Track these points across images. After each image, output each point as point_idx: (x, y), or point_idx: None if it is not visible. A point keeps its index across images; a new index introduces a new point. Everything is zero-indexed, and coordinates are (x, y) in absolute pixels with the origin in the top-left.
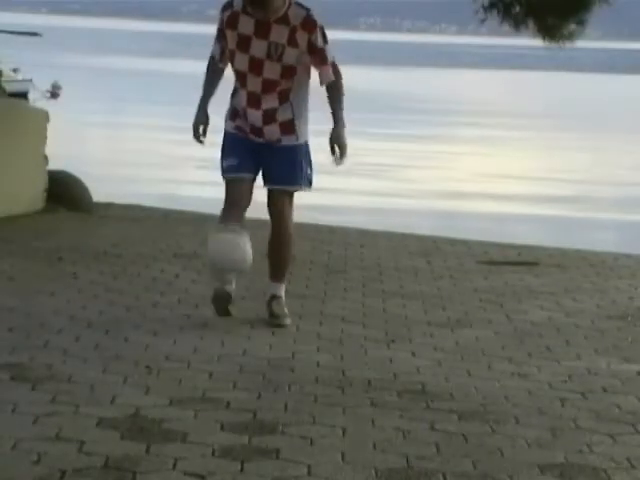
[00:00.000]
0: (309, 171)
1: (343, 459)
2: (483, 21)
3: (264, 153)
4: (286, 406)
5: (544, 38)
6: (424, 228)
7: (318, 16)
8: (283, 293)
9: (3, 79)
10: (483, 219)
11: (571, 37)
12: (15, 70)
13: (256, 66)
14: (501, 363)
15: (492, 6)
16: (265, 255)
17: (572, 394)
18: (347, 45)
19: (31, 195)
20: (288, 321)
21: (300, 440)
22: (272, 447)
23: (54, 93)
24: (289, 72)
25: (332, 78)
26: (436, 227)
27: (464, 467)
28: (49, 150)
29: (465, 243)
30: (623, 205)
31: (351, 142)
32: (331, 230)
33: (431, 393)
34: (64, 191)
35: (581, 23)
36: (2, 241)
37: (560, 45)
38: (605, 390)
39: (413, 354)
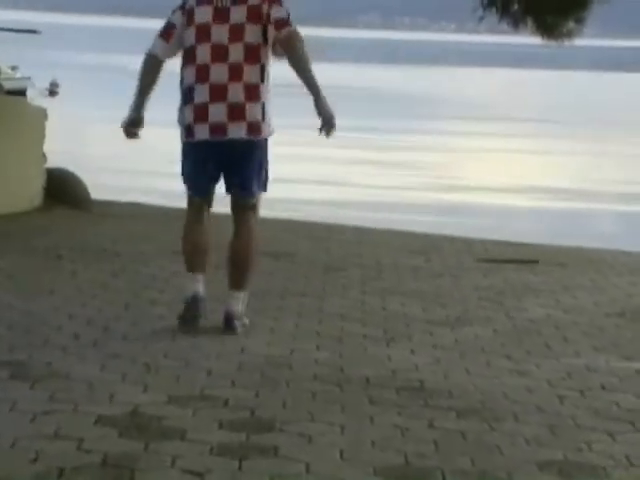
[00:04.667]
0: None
1: (342, 457)
2: (481, 19)
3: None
4: (284, 404)
5: (543, 36)
6: (423, 226)
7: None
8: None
9: (2, 77)
10: (483, 217)
11: (570, 35)
12: (14, 68)
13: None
14: (500, 361)
15: (490, 4)
16: (261, 253)
17: (571, 392)
18: (346, 43)
19: (29, 193)
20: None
21: (298, 438)
22: (270, 445)
23: (52, 91)
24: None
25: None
26: (435, 225)
27: (462, 464)
28: (47, 148)
29: (464, 241)
30: (624, 203)
31: (347, 136)
32: (329, 228)
33: (429, 390)
34: (62, 189)
35: (580, 21)
36: (1, 239)
37: (559, 43)
38: (604, 388)
39: (412, 352)
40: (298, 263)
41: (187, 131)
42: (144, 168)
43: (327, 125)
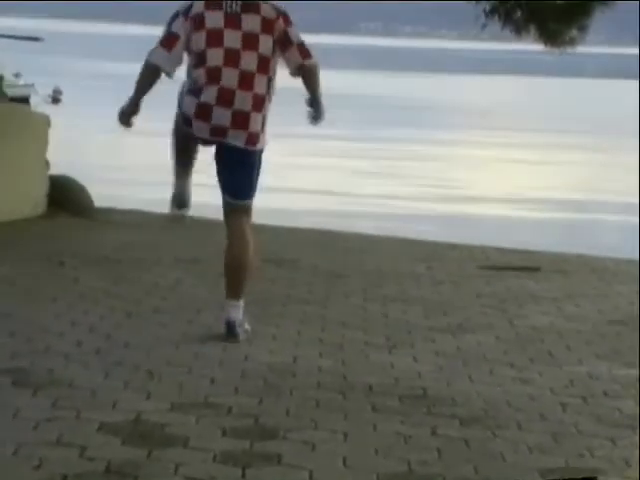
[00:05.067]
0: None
1: (345, 464)
2: (484, 27)
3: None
4: (288, 411)
5: (545, 44)
6: (425, 235)
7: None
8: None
9: (5, 84)
10: (485, 227)
11: (572, 42)
12: (17, 75)
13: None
14: (503, 369)
15: (493, 11)
16: (264, 260)
17: (573, 399)
18: (347, 50)
19: (32, 200)
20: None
21: (302, 445)
22: (274, 452)
23: (55, 98)
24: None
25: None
26: (437, 234)
27: (466, 472)
28: (50, 155)
29: (466, 248)
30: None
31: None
32: (332, 235)
33: (432, 398)
34: (65, 196)
35: (582, 29)
36: (3, 246)
37: (561, 51)
38: (606, 394)
39: (415, 359)
40: (301, 270)
41: (186, 120)
42: (147, 175)
43: (319, 116)
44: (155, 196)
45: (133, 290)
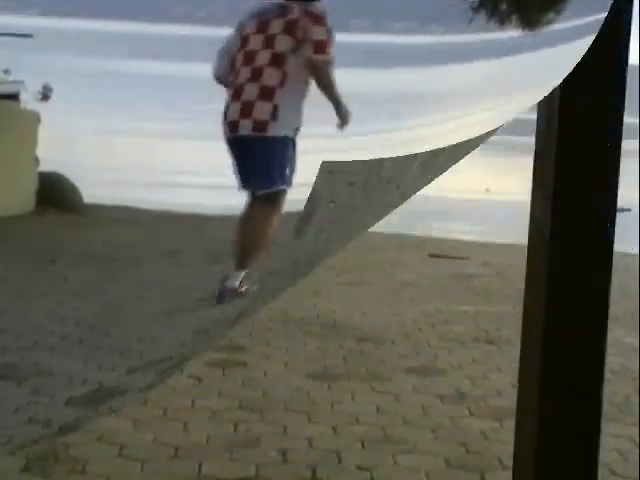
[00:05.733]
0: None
1: (286, 366)
2: (471, 21)
3: None
4: (250, 334)
5: (524, 29)
6: (383, 226)
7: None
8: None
9: None
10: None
11: (549, 23)
12: (6, 71)
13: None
14: (382, 307)
15: (480, 5)
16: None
17: (425, 325)
18: (338, 46)
19: (22, 197)
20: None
21: (259, 356)
22: (242, 360)
23: (45, 95)
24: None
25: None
26: (397, 225)
27: (360, 371)
28: (40, 152)
29: (418, 239)
30: None
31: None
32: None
33: (340, 325)
34: (55, 193)
35: (559, 11)
36: None
37: (535, 33)
38: (446, 322)
39: (330, 302)
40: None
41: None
42: (138, 173)
43: (341, 119)
44: (149, 197)
45: (124, 286)
